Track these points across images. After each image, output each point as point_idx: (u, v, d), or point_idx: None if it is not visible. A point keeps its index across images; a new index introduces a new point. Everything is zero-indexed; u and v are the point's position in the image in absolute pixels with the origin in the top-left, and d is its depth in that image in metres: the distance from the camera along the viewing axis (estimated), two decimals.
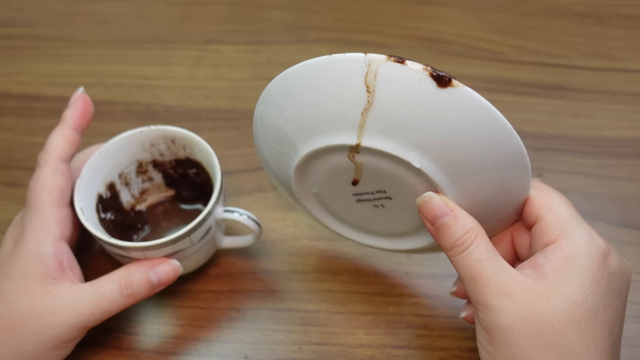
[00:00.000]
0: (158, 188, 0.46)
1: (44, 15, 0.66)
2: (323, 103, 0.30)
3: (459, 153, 0.30)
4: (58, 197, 0.37)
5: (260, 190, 0.49)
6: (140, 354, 0.41)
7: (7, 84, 0.58)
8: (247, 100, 0.57)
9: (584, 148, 0.53)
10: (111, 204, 0.43)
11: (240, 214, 0.40)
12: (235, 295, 0.44)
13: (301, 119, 0.32)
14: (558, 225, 0.31)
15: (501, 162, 0.31)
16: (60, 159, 0.37)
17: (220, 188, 0.39)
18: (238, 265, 0.45)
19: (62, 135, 0.38)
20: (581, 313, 0.29)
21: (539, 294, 0.29)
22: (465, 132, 0.29)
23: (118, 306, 0.37)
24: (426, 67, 0.29)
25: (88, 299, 0.36)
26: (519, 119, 0.55)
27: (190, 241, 0.38)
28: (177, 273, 0.38)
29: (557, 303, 0.29)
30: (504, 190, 0.33)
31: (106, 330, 0.42)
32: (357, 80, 0.29)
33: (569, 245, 0.30)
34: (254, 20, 0.65)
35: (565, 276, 0.29)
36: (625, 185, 0.50)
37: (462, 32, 0.63)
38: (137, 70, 0.59)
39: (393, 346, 0.41)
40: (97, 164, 0.41)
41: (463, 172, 0.30)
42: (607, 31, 0.63)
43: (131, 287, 0.37)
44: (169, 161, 0.44)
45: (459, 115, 0.29)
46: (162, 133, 0.42)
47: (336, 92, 0.30)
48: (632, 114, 0.55)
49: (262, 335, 0.42)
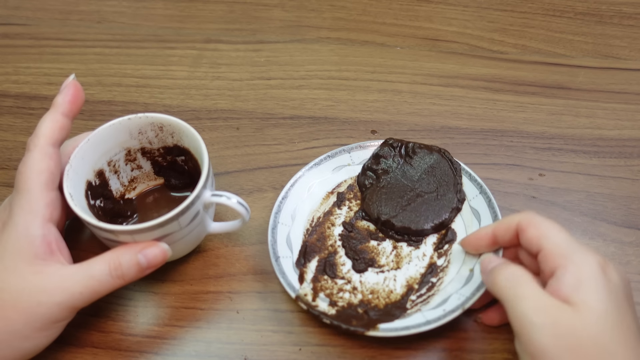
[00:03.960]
0: (147, 176, 0.46)
1: (42, 14, 0.65)
2: None
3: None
4: (47, 180, 0.37)
5: (259, 190, 0.49)
6: (139, 355, 0.41)
7: (4, 84, 0.58)
8: (246, 99, 0.56)
9: (586, 148, 0.52)
10: (100, 192, 0.43)
11: (227, 197, 0.40)
12: (235, 296, 0.43)
13: None
14: (558, 252, 0.34)
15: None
16: (49, 143, 0.37)
17: (207, 172, 0.39)
18: (237, 266, 0.45)
19: (52, 120, 0.38)
20: (610, 322, 0.32)
21: (569, 313, 0.32)
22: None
23: (107, 287, 0.37)
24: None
25: (77, 279, 0.36)
26: (520, 118, 0.55)
27: (178, 224, 0.38)
28: (166, 256, 0.39)
29: (587, 318, 0.32)
30: None
31: (105, 331, 0.42)
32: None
33: (573, 266, 0.33)
34: (253, 19, 0.65)
35: (583, 293, 0.32)
36: (627, 185, 0.50)
37: (463, 31, 0.63)
38: (136, 70, 0.59)
39: (393, 347, 0.41)
40: (86, 151, 0.41)
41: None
42: (609, 30, 0.63)
43: (120, 269, 0.37)
44: (157, 149, 0.44)
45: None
46: (150, 120, 0.42)
47: None
48: (634, 113, 0.55)
49: (262, 336, 0.41)
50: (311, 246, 0.44)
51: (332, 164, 0.49)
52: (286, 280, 0.41)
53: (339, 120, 0.55)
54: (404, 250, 0.44)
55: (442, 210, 0.45)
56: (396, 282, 0.43)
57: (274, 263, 0.42)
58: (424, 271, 0.43)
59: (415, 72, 0.59)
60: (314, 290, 0.41)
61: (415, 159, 0.48)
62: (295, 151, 0.52)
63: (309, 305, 0.40)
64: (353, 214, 0.47)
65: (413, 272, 0.43)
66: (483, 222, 0.44)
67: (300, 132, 0.54)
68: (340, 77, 0.59)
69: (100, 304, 0.42)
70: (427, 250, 0.44)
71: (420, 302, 0.41)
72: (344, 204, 0.47)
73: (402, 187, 0.47)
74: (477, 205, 0.45)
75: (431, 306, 0.41)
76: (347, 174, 0.49)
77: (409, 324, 0.39)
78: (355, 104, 0.56)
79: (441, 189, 0.47)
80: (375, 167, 0.48)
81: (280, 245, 0.43)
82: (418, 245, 0.45)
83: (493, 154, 0.52)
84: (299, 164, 0.49)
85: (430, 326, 0.38)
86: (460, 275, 0.42)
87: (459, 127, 0.54)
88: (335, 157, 0.49)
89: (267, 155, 0.52)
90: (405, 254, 0.44)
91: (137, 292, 0.44)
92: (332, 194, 0.48)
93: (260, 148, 0.52)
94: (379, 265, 0.44)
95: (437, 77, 0.58)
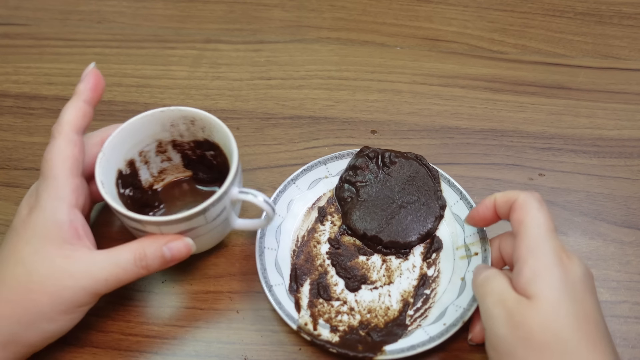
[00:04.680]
0: (176, 168, 0.47)
1: (42, 14, 0.65)
2: None
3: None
4: (72, 166, 0.38)
5: (259, 190, 0.49)
6: (139, 355, 0.41)
7: (4, 84, 0.58)
8: (246, 99, 0.56)
9: (586, 148, 0.52)
10: (130, 181, 0.44)
11: (254, 195, 0.40)
12: (235, 296, 0.43)
13: None
14: (526, 244, 0.35)
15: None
16: (73, 130, 0.38)
17: (237, 168, 0.39)
18: (237, 266, 0.45)
19: (75, 108, 0.39)
20: (563, 311, 0.33)
21: (524, 304, 0.33)
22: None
23: (131, 276, 0.38)
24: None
25: (104, 266, 0.37)
26: (520, 118, 0.55)
27: (204, 219, 0.39)
28: (190, 250, 0.39)
29: (539, 308, 0.33)
30: None
31: (105, 331, 0.42)
32: None
33: (532, 259, 0.35)
34: (253, 19, 0.65)
35: (537, 285, 0.34)
36: (627, 185, 0.50)
37: (463, 31, 0.63)
38: (136, 70, 0.59)
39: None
40: (119, 141, 0.41)
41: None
42: (608, 30, 0.63)
43: (145, 260, 0.38)
44: (187, 142, 0.45)
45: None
46: (182, 114, 0.43)
47: None
48: (634, 113, 0.55)
49: (262, 336, 0.41)
50: (301, 269, 0.44)
51: (309, 178, 0.48)
52: (284, 311, 0.40)
53: (339, 120, 0.55)
54: (394, 263, 0.45)
55: (426, 219, 0.46)
56: (391, 297, 0.43)
57: (268, 293, 0.41)
58: (416, 283, 0.43)
59: (415, 72, 0.59)
60: (312, 317, 0.41)
61: (393, 168, 0.48)
62: (295, 151, 0.52)
63: (312, 336, 0.40)
64: (337, 228, 0.46)
65: (406, 286, 0.43)
66: (466, 227, 0.45)
67: (300, 132, 0.54)
68: (340, 77, 0.59)
69: (100, 304, 0.43)
70: (415, 261, 0.45)
71: (419, 317, 0.42)
72: (326, 219, 0.47)
73: (383, 199, 0.47)
74: (459, 211, 0.46)
75: (430, 320, 0.41)
76: (326, 187, 0.48)
77: (414, 342, 0.39)
78: (355, 104, 0.56)
79: (422, 197, 0.47)
80: (353, 179, 0.48)
81: (271, 273, 0.42)
82: (406, 256, 0.45)
83: (493, 154, 0.52)
84: (299, 164, 0.49)
85: (434, 343, 0.39)
86: (452, 285, 0.42)
87: (459, 127, 0.54)
88: (311, 170, 0.48)
89: (267, 155, 0.52)
90: (395, 266, 0.44)
91: (137, 292, 0.44)
92: (312, 210, 0.47)
93: (260, 148, 0.52)
94: (372, 282, 0.44)
95: (437, 77, 0.58)
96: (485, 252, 0.42)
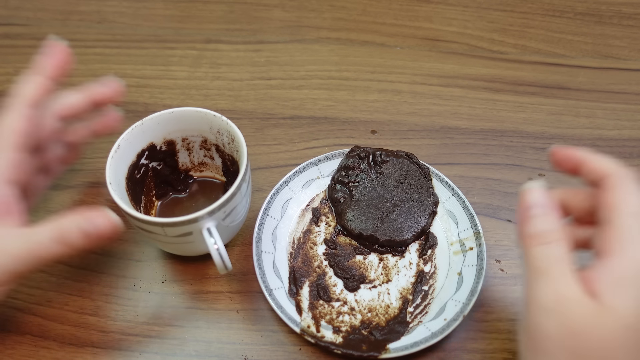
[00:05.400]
0: (216, 169, 0.48)
1: (42, 14, 0.65)
2: None
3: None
4: (18, 141, 0.37)
5: (259, 190, 0.49)
6: (139, 355, 0.41)
7: (5, 84, 0.58)
8: (246, 99, 0.56)
9: (586, 148, 0.52)
10: (162, 157, 0.46)
11: (214, 241, 0.38)
12: (235, 295, 0.43)
13: None
14: (618, 237, 0.30)
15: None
16: (29, 104, 0.37)
17: (219, 208, 0.39)
18: (237, 266, 0.45)
19: (35, 83, 0.38)
20: (633, 338, 0.28)
21: (590, 312, 0.28)
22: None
23: (50, 252, 0.35)
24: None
25: (19, 243, 0.35)
26: (520, 118, 0.55)
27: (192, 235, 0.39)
28: (114, 226, 0.36)
29: (608, 324, 0.28)
30: None
31: (105, 331, 0.42)
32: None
33: (624, 262, 0.29)
34: (253, 19, 0.65)
35: (618, 298, 0.28)
36: None
37: (463, 31, 0.63)
38: (136, 70, 0.59)
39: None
40: (162, 119, 0.43)
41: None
42: (608, 30, 0.63)
43: (63, 235, 0.35)
44: (227, 154, 0.45)
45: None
46: (227, 127, 0.43)
47: None
48: (633, 113, 0.55)
49: (262, 336, 0.41)
50: (299, 271, 0.44)
51: (302, 179, 0.48)
52: (286, 315, 0.40)
53: (339, 120, 0.55)
54: (390, 261, 0.45)
55: (420, 216, 0.46)
56: (390, 295, 0.43)
57: (269, 297, 0.41)
58: (414, 280, 0.43)
59: (415, 72, 0.59)
60: (314, 319, 0.41)
61: (385, 167, 0.48)
62: (295, 151, 0.52)
63: (315, 338, 0.40)
64: (332, 229, 0.46)
65: (404, 283, 0.43)
66: (460, 222, 0.45)
67: (300, 132, 0.54)
68: (340, 77, 0.59)
69: (100, 304, 0.43)
70: (412, 258, 0.45)
71: (419, 314, 0.42)
72: (320, 220, 0.47)
73: (377, 198, 0.47)
74: (451, 206, 0.46)
75: (431, 316, 0.41)
76: (318, 188, 0.48)
77: (416, 339, 0.39)
78: (355, 104, 0.56)
79: (415, 195, 0.47)
80: (345, 179, 0.48)
81: (270, 277, 0.42)
82: (402, 254, 0.45)
83: (493, 154, 0.52)
84: (299, 164, 0.49)
85: (436, 339, 0.39)
86: (450, 280, 0.43)
87: (458, 127, 0.54)
88: (303, 171, 0.48)
89: (267, 155, 0.52)
90: (392, 264, 0.44)
91: (137, 292, 0.44)
92: (306, 211, 0.47)
93: (260, 148, 0.52)
94: (370, 281, 0.44)
95: (437, 77, 0.58)
96: (480, 247, 0.43)
